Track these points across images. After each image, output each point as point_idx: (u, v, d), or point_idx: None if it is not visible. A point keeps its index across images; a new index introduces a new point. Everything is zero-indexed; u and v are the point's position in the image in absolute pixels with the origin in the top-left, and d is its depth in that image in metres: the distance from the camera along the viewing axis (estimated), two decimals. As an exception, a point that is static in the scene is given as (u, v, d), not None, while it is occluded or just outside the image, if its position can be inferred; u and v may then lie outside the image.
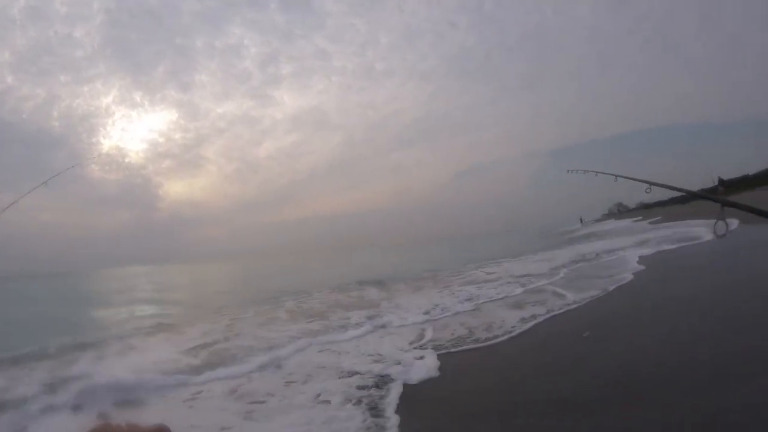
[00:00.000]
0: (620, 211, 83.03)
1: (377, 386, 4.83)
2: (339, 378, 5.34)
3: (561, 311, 7.75)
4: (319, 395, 4.78)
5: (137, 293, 24.55)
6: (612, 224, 50.41)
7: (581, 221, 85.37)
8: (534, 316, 7.51)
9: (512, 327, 6.97)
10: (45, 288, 36.97)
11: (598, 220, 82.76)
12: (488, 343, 6.35)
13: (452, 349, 6.20)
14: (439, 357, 5.81)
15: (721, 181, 3.06)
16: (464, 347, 6.28)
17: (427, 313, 9.11)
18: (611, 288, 9.14)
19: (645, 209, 68.51)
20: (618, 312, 7.52)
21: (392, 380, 4.97)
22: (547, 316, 7.52)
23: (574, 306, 8.02)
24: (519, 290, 10.69)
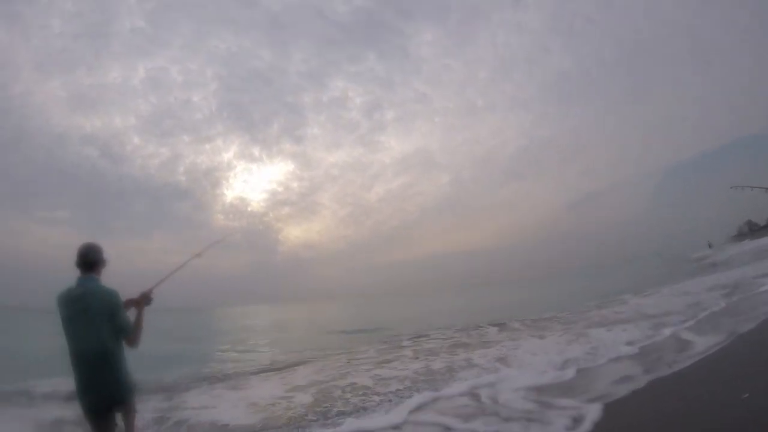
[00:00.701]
0: (752, 230, 74.23)
1: None
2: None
3: (696, 361, 6.15)
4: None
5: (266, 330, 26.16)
6: (750, 245, 45.64)
7: (710, 245, 77.44)
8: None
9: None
10: (179, 322, 36.31)
11: (729, 242, 74.87)
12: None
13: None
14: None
15: None
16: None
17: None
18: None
19: (778, 225, 61.10)
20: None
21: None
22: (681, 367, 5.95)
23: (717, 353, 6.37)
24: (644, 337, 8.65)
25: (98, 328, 2.80)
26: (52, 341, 3.58)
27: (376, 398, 6.36)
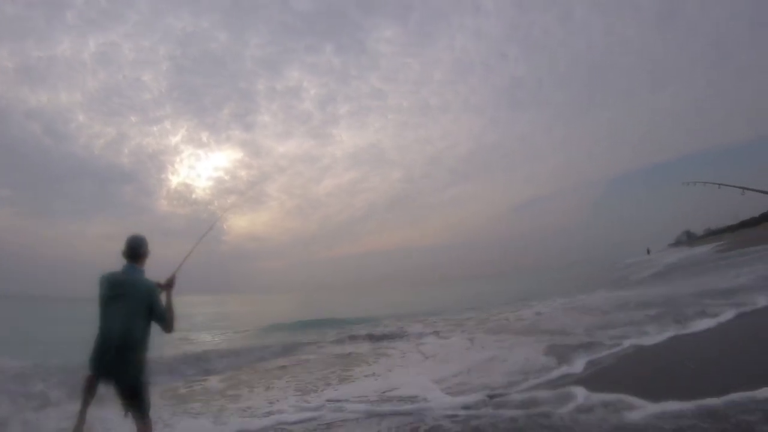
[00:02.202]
0: (689, 239, 77.51)
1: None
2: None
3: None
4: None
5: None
6: (684, 253, 46.49)
7: (648, 252, 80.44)
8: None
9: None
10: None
11: (666, 249, 77.46)
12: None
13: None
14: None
15: None
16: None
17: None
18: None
19: (713, 235, 63.82)
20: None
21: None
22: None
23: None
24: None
25: (132, 315, 3.08)
26: None
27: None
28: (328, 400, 5.44)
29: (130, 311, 3.10)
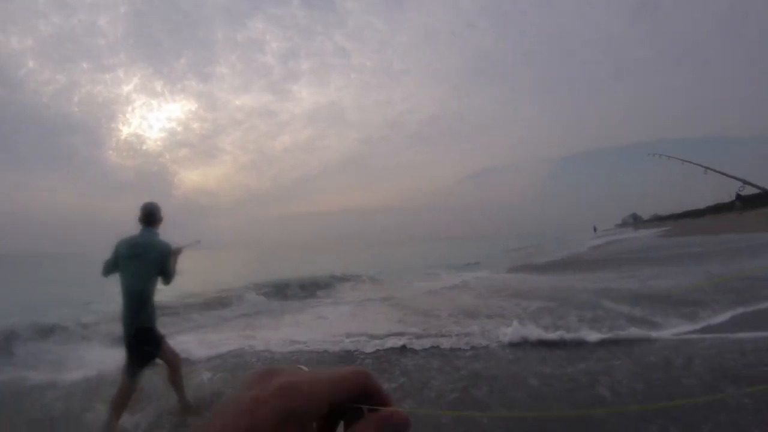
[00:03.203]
0: (636, 221, 76.65)
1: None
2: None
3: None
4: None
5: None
6: (623, 235, 45.89)
7: (595, 229, 79.94)
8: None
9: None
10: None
11: (613, 229, 76.17)
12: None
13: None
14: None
15: (738, 197, 3.33)
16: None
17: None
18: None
19: (659, 221, 62.09)
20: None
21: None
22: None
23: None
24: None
25: (148, 272, 3.61)
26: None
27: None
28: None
29: (148, 269, 3.62)
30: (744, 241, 18.07)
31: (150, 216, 3.73)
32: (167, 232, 3.85)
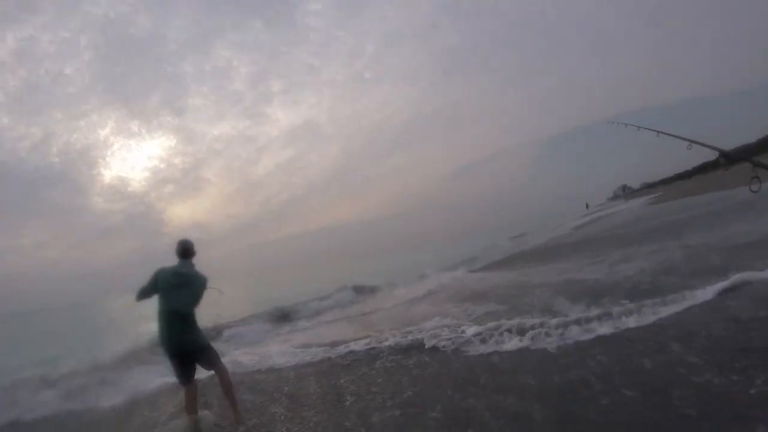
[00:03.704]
0: (626, 193, 75.42)
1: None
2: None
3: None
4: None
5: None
6: (616, 208, 45.04)
7: (587, 206, 78.60)
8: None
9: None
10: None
11: (606, 203, 74.92)
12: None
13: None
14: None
15: (724, 154, 3.42)
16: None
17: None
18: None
19: (649, 188, 60.85)
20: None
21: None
22: None
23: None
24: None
25: (188, 298, 4.02)
26: None
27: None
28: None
29: (190, 296, 4.04)
30: (727, 199, 17.05)
31: (187, 251, 4.23)
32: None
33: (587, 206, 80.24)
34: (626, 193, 74.83)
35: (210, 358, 4.14)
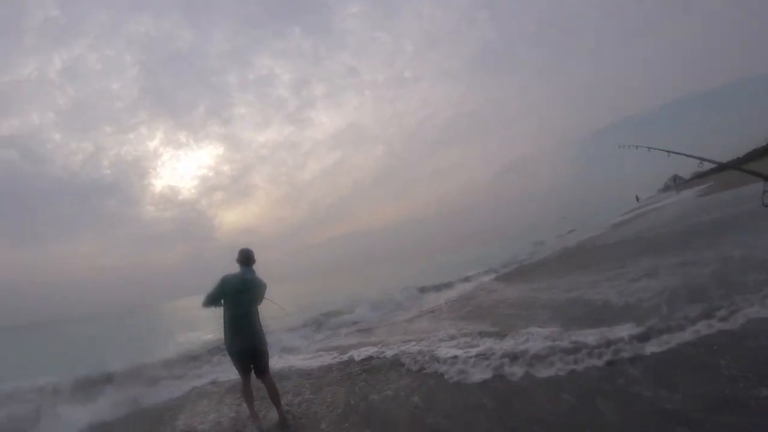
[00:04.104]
0: (677, 183, 70.96)
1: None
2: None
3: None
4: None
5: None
6: (665, 201, 42.00)
7: (637, 199, 74.43)
8: None
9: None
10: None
11: (656, 195, 70.78)
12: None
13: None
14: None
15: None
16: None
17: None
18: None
19: (699, 178, 56.59)
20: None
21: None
22: None
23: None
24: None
25: (252, 302, 4.44)
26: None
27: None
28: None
29: (254, 300, 4.46)
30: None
31: (249, 259, 4.54)
32: (215, 274, 4.49)
33: (638, 199, 76.14)
34: (677, 183, 70.40)
35: (262, 367, 4.46)
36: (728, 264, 6.54)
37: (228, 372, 6.92)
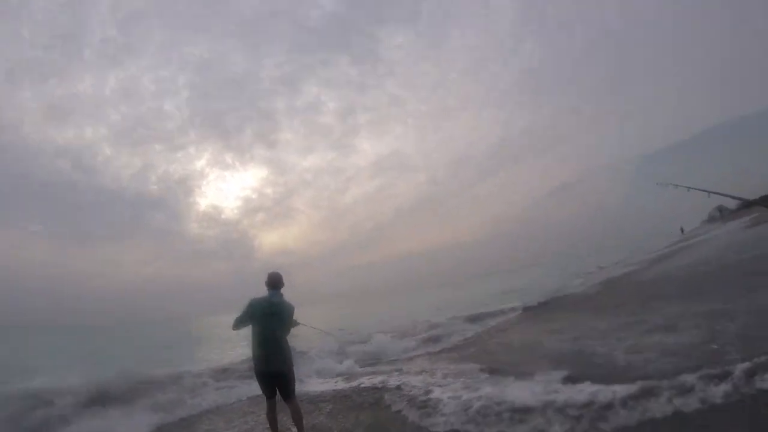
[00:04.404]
0: (722, 214, 66.79)
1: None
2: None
3: None
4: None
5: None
6: (710, 233, 39.50)
7: (682, 231, 70.65)
8: None
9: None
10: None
11: (701, 227, 67.18)
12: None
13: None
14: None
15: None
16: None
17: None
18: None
19: (746, 207, 52.93)
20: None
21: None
22: None
23: None
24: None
25: (280, 324, 4.48)
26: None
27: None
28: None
29: (281, 322, 4.50)
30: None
31: (277, 282, 4.62)
32: (253, 290, 4.63)
33: (682, 231, 72.40)
34: (723, 214, 66.48)
35: (288, 390, 4.48)
36: (757, 319, 5.58)
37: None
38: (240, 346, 14.25)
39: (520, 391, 4.68)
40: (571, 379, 4.77)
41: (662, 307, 8.17)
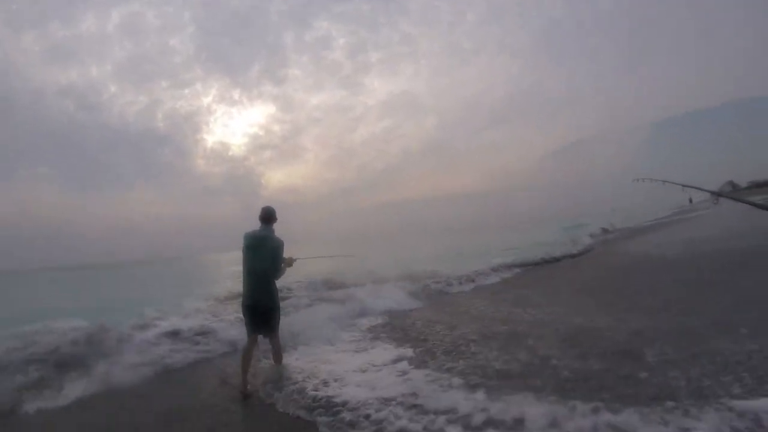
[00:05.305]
0: (734, 189, 66.21)
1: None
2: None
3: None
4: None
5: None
6: (719, 208, 39.04)
7: (690, 201, 69.99)
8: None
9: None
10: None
11: (709, 199, 66.34)
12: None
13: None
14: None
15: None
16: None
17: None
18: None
19: (757, 187, 52.17)
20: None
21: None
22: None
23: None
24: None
25: (267, 259, 4.54)
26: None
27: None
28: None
29: (266, 256, 4.54)
30: None
31: (269, 217, 4.72)
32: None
33: (690, 201, 71.74)
34: (734, 189, 65.87)
35: (272, 325, 4.64)
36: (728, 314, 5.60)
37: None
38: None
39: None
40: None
41: (637, 302, 8.18)
